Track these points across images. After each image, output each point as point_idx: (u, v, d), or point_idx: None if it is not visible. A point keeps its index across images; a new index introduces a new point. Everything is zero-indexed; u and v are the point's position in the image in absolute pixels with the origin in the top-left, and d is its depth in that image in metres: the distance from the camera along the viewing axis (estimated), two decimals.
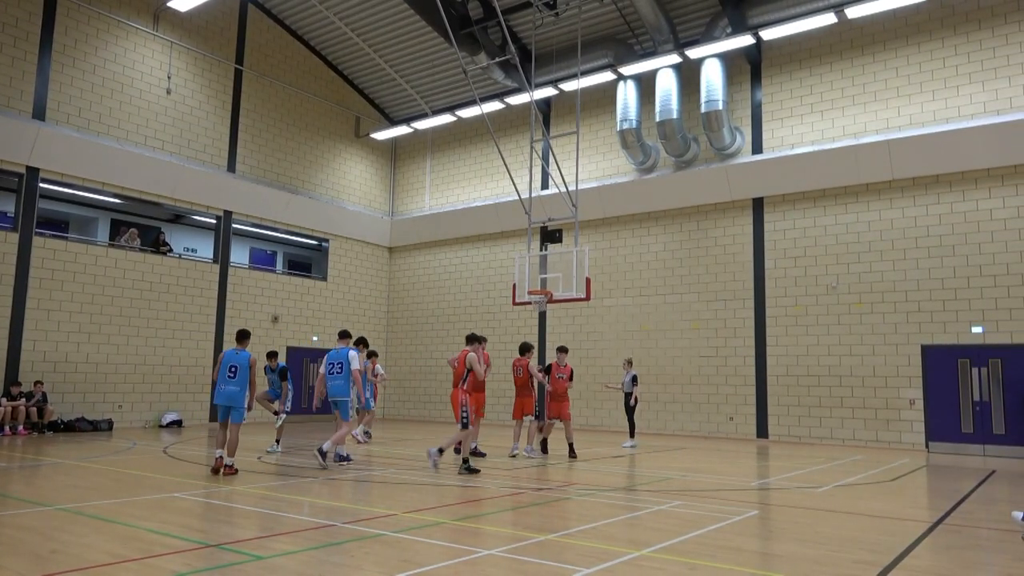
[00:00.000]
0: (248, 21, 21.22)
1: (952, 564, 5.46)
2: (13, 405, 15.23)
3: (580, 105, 18.22)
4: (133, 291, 18.19)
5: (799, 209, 17.53)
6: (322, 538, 5.82)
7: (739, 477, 10.35)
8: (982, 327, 15.07)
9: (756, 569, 5.13)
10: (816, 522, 6.93)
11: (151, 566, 4.84)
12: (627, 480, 9.78)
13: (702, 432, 18.16)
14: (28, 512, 6.71)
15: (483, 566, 5.01)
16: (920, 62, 16.14)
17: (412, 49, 21.91)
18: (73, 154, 17.03)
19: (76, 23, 17.52)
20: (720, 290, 18.38)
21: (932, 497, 9.27)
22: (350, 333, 11.56)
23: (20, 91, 16.50)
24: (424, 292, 24.28)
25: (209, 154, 20.09)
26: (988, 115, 15.23)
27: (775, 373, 17.36)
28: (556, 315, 20.97)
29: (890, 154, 16.03)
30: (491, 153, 22.59)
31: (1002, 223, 15.09)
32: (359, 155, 24.55)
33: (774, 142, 17.85)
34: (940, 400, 15.40)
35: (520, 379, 12.93)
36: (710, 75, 17.51)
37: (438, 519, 6.66)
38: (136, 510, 6.99)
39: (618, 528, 6.59)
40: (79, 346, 17.08)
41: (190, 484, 8.72)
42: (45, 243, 16.81)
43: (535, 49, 19.17)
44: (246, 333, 10.14)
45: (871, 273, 16.41)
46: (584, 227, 20.37)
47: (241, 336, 10.09)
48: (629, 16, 18.81)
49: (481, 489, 8.62)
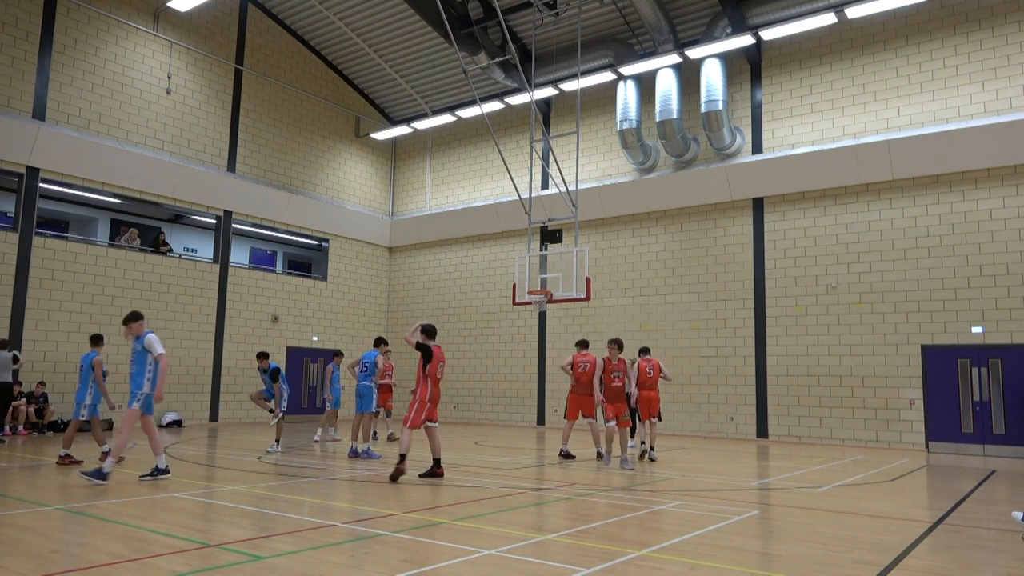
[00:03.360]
0: (248, 21, 21.22)
1: (952, 564, 5.45)
2: (13, 405, 15.22)
3: (580, 105, 18.22)
4: (133, 291, 18.20)
5: (799, 209, 17.53)
6: (322, 538, 5.82)
7: (739, 477, 10.35)
8: (982, 327, 15.07)
9: (756, 569, 5.12)
10: (816, 522, 6.92)
11: (151, 566, 4.83)
12: (627, 480, 9.78)
13: (702, 432, 18.15)
14: (28, 512, 6.71)
15: (483, 566, 5.01)
16: (920, 62, 16.14)
17: (412, 49, 21.91)
18: (73, 154, 17.03)
19: (76, 23, 17.53)
20: (720, 290, 18.38)
21: (932, 497, 9.26)
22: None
23: (20, 91, 16.50)
24: (424, 292, 24.28)
25: (209, 154, 20.09)
26: (988, 115, 15.23)
27: (775, 373, 17.36)
28: (556, 315, 20.97)
29: (890, 154, 16.03)
30: (491, 153, 22.60)
31: (1002, 223, 15.09)
32: (359, 155, 24.55)
33: (774, 142, 17.85)
34: (940, 400, 15.40)
35: (650, 379, 12.17)
36: (710, 75, 17.51)
37: (438, 519, 6.66)
38: (136, 510, 6.99)
39: (618, 528, 6.59)
40: (79, 346, 17.07)
41: (190, 484, 8.71)
42: (45, 243, 16.82)
43: (535, 49, 19.18)
44: (98, 338, 10.60)
45: (871, 273, 16.41)
46: (584, 227, 20.38)
47: (94, 340, 10.56)
48: (629, 16, 18.81)
49: (481, 489, 8.62)
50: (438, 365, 9.43)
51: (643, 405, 12.02)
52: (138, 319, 8.77)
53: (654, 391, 12.14)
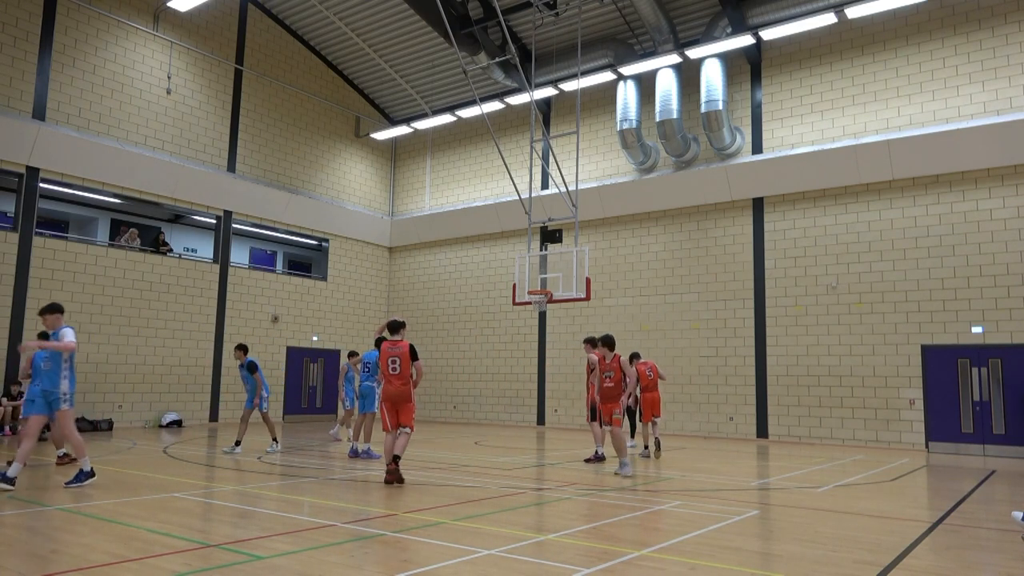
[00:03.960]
0: (248, 21, 21.22)
1: (952, 564, 5.45)
2: (13, 405, 15.23)
3: (580, 105, 18.22)
4: (133, 291, 18.19)
5: (799, 209, 17.53)
6: (322, 538, 5.82)
7: (739, 477, 10.35)
8: (982, 327, 15.07)
9: (756, 569, 5.12)
10: (816, 522, 6.93)
11: (151, 566, 4.83)
12: (627, 480, 9.78)
13: (702, 432, 18.15)
14: (28, 512, 6.71)
15: (483, 566, 5.01)
16: (920, 62, 16.14)
17: (412, 49, 21.91)
18: (73, 154, 17.03)
19: (76, 23, 17.52)
20: (720, 290, 18.38)
21: (932, 497, 9.26)
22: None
23: (20, 91, 16.50)
24: (424, 292, 24.28)
25: (209, 154, 20.09)
26: (988, 115, 15.23)
27: (775, 373, 17.36)
28: (556, 315, 20.97)
29: (890, 154, 16.03)
30: (491, 153, 22.59)
31: (1002, 223, 15.09)
32: (359, 155, 24.54)
33: (774, 142, 17.85)
34: (940, 400, 15.40)
35: (651, 381, 12.68)
36: (710, 75, 17.51)
37: (438, 519, 6.65)
38: (136, 510, 6.99)
39: (618, 528, 6.59)
40: (79, 346, 17.06)
41: (190, 484, 8.72)
42: (45, 243, 16.81)
43: (535, 49, 19.17)
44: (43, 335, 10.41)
45: (871, 273, 16.41)
46: (584, 227, 20.38)
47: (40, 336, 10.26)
48: (629, 16, 18.81)
49: (481, 489, 8.63)
50: (386, 361, 9.02)
51: (647, 406, 12.36)
52: (56, 311, 8.31)
53: (656, 392, 12.68)
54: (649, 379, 12.64)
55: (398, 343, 9.08)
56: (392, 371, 8.97)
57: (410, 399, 8.98)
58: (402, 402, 8.96)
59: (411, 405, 8.99)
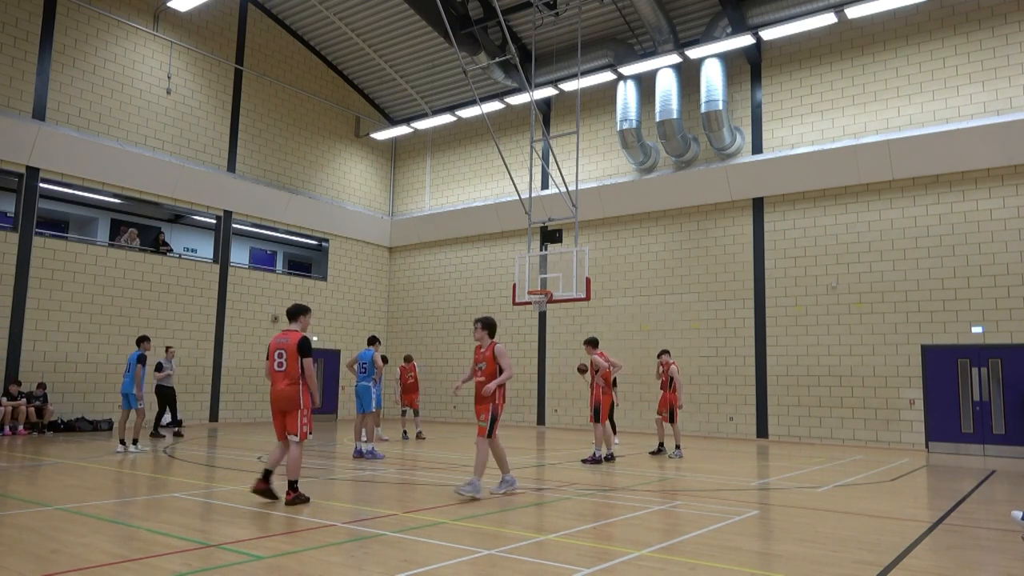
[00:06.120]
0: (248, 21, 21.22)
1: (952, 564, 5.45)
2: (13, 405, 15.23)
3: (580, 105, 18.22)
4: (133, 291, 18.19)
5: (799, 209, 17.53)
6: (322, 538, 5.82)
7: (739, 477, 10.35)
8: (982, 327, 15.07)
9: (756, 569, 5.12)
10: (816, 522, 6.92)
11: (151, 566, 4.83)
12: (627, 480, 9.78)
13: (702, 432, 18.15)
14: (28, 512, 6.71)
15: (483, 566, 5.01)
16: (920, 62, 16.14)
17: (412, 49, 21.91)
18: (73, 154, 17.03)
19: (76, 23, 17.52)
20: (720, 290, 18.38)
21: (932, 497, 9.26)
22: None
23: (20, 91, 16.50)
24: (424, 292, 24.28)
25: (209, 154, 20.09)
26: (988, 115, 15.23)
27: (775, 373, 17.36)
28: (556, 315, 20.97)
29: (890, 154, 16.03)
30: (491, 153, 22.60)
31: (1002, 223, 15.09)
32: (359, 155, 24.55)
33: (774, 142, 17.84)
34: (940, 400, 15.40)
35: None
36: (710, 75, 17.51)
37: (438, 519, 6.66)
38: (136, 510, 6.99)
39: (618, 528, 6.59)
40: (79, 346, 17.08)
41: (190, 484, 8.72)
42: (45, 243, 16.81)
43: (535, 49, 19.17)
44: None
45: (871, 273, 16.41)
46: (584, 227, 20.38)
47: None
48: (629, 16, 18.81)
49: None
50: (272, 355, 7.47)
51: (664, 406, 12.85)
52: None
53: (674, 392, 12.83)
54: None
55: (289, 333, 7.48)
56: (278, 367, 7.38)
57: (298, 403, 7.36)
58: (289, 407, 7.37)
59: (300, 411, 7.37)
